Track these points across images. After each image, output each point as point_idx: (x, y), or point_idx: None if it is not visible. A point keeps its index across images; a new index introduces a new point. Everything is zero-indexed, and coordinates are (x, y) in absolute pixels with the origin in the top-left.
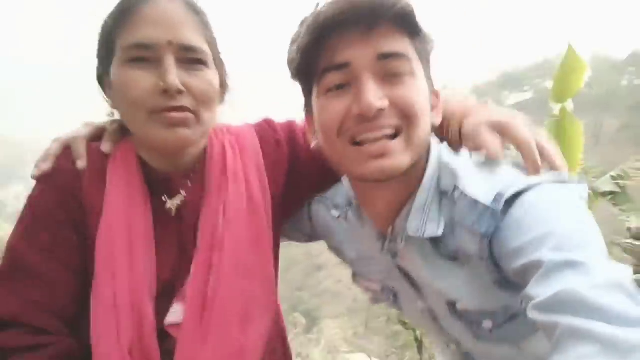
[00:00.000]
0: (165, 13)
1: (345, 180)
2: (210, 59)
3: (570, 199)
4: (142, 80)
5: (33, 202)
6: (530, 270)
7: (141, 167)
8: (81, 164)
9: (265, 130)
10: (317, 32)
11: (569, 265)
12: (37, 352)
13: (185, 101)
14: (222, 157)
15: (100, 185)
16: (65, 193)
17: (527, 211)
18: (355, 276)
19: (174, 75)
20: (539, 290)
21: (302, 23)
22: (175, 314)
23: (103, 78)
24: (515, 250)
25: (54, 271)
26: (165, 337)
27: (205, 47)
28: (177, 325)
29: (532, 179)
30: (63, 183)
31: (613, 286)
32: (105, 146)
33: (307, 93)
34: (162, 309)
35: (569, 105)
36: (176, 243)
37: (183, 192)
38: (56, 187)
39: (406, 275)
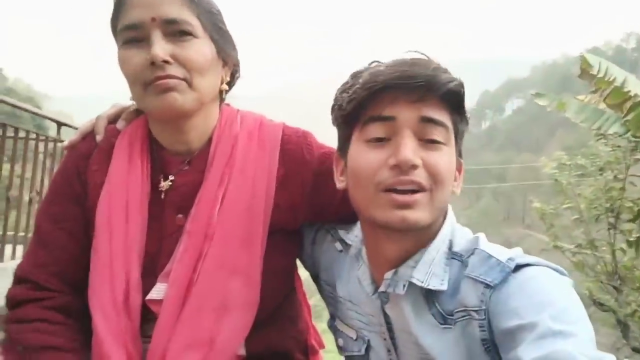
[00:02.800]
0: None
1: (358, 225)
2: (199, 30)
3: (567, 283)
4: (134, 57)
5: (54, 176)
6: (523, 331)
7: (151, 143)
8: (99, 137)
9: (298, 140)
10: (372, 89)
11: (564, 334)
12: (38, 303)
13: (174, 70)
14: (231, 148)
15: (106, 160)
16: (72, 172)
17: (532, 279)
18: (333, 320)
19: (159, 47)
20: (531, 351)
21: (354, 76)
22: (158, 292)
23: None
24: (513, 310)
25: (59, 239)
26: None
27: (191, 20)
28: (158, 302)
29: (540, 260)
30: (73, 162)
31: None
32: (120, 123)
33: (345, 139)
34: (144, 281)
35: None
36: (163, 220)
37: (171, 177)
38: (67, 166)
39: (389, 327)
